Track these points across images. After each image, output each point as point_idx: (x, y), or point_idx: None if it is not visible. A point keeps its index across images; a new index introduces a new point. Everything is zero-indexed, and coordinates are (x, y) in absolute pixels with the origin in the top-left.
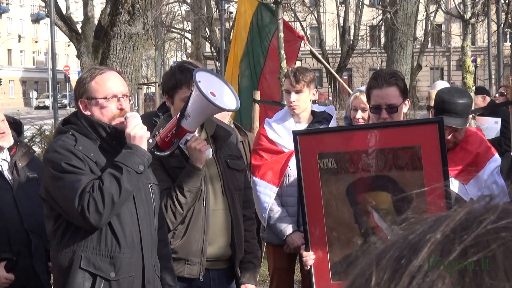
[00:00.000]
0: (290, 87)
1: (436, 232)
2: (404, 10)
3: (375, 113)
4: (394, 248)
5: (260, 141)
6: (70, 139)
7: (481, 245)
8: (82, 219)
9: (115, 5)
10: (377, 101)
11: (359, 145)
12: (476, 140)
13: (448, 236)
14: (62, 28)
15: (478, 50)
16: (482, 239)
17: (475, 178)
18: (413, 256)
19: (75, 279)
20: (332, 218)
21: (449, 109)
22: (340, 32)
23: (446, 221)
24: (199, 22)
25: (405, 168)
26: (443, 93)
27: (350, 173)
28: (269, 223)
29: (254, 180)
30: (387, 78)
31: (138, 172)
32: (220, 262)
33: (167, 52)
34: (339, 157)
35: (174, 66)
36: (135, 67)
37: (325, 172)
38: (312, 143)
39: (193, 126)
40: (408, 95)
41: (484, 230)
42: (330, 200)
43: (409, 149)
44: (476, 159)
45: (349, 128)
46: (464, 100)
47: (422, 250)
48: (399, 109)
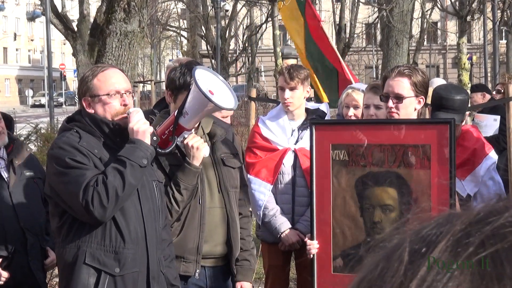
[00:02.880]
0: (284, 84)
1: (454, 225)
2: (400, 7)
3: (384, 102)
4: (407, 243)
5: (254, 138)
6: (74, 136)
7: (498, 237)
8: (86, 213)
9: (110, 3)
10: (387, 89)
11: (372, 139)
12: (473, 136)
13: (465, 229)
14: (57, 26)
15: (474, 48)
16: (499, 231)
17: (471, 174)
18: (430, 249)
19: (80, 275)
20: (338, 210)
21: (446, 105)
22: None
23: (462, 216)
24: (195, 20)
25: (413, 166)
26: (440, 89)
27: (361, 166)
28: (263, 220)
29: (249, 178)
30: (402, 69)
31: (141, 166)
32: (215, 260)
33: (163, 50)
34: (352, 149)
35: (183, 65)
36: (131, 65)
37: (336, 163)
38: (326, 134)
39: (191, 124)
40: (424, 92)
41: (500, 224)
42: (338, 192)
43: (419, 147)
44: (472, 155)
45: (364, 122)
46: (461, 96)
47: (440, 242)
48: (406, 102)
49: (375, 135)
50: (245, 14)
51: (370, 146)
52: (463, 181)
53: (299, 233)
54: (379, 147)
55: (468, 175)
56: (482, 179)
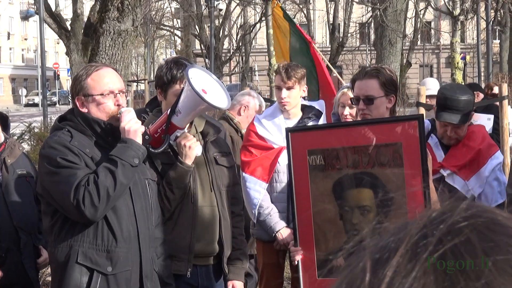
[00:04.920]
0: (281, 84)
1: (410, 230)
2: (394, 7)
3: (355, 104)
4: (368, 254)
5: (249, 137)
6: (66, 135)
7: (454, 232)
8: (77, 213)
9: (104, 2)
10: (356, 92)
11: (346, 141)
12: (479, 136)
13: (421, 230)
14: (51, 25)
15: (468, 48)
16: (454, 227)
17: (476, 175)
18: (391, 255)
19: (72, 274)
20: (319, 214)
21: (450, 106)
22: (330, 30)
23: (416, 221)
24: (189, 19)
25: (387, 165)
26: (445, 89)
27: (337, 169)
28: (258, 219)
29: (244, 176)
30: (369, 71)
31: (133, 165)
32: (207, 259)
33: (157, 50)
34: (327, 153)
35: (169, 61)
36: (124, 64)
37: (313, 168)
38: (302, 140)
39: (184, 123)
40: (394, 90)
41: (454, 220)
42: (317, 197)
43: (391, 146)
44: (478, 156)
45: (337, 125)
46: (466, 96)
47: (399, 247)
48: (377, 102)
49: (349, 137)
50: (239, 13)
51: (344, 149)
52: (467, 182)
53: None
54: (353, 149)
55: (473, 175)
56: (487, 179)
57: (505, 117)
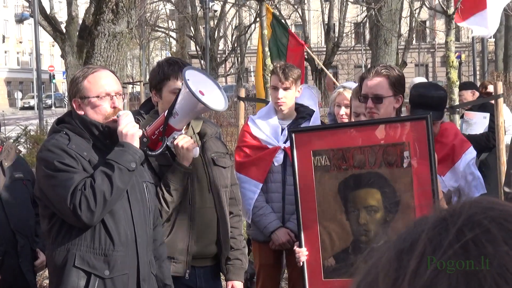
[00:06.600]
0: (278, 84)
1: (426, 223)
2: (389, 6)
3: (363, 102)
4: (392, 245)
5: (244, 137)
6: (64, 138)
7: (475, 223)
8: (74, 217)
9: (99, 4)
10: (365, 90)
11: (352, 142)
12: (451, 132)
13: (440, 223)
14: (46, 28)
15: (463, 46)
16: (473, 219)
17: (451, 170)
18: (413, 246)
19: (70, 278)
20: (324, 215)
21: (424, 103)
22: (325, 30)
23: (436, 214)
24: (184, 21)
25: (394, 164)
26: (418, 87)
27: (343, 170)
28: (253, 219)
29: (239, 176)
30: (379, 69)
31: (130, 169)
32: (206, 260)
33: (152, 51)
34: (332, 154)
35: (160, 61)
36: (120, 66)
37: (318, 169)
38: (307, 141)
39: (181, 125)
40: (402, 91)
41: (472, 212)
42: (323, 198)
43: (398, 145)
44: (452, 151)
45: (342, 125)
46: (438, 93)
47: (420, 237)
48: (385, 101)
49: (354, 138)
50: (233, 14)
51: (350, 149)
52: (443, 177)
53: (289, 232)
54: (359, 149)
55: (448, 171)
56: (462, 174)
57: (500, 115)
